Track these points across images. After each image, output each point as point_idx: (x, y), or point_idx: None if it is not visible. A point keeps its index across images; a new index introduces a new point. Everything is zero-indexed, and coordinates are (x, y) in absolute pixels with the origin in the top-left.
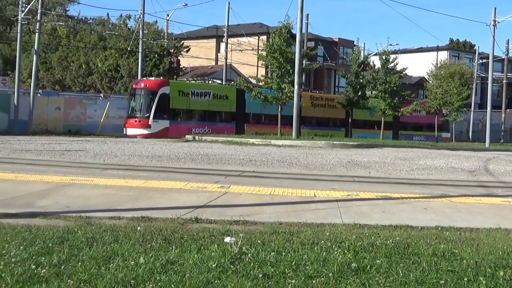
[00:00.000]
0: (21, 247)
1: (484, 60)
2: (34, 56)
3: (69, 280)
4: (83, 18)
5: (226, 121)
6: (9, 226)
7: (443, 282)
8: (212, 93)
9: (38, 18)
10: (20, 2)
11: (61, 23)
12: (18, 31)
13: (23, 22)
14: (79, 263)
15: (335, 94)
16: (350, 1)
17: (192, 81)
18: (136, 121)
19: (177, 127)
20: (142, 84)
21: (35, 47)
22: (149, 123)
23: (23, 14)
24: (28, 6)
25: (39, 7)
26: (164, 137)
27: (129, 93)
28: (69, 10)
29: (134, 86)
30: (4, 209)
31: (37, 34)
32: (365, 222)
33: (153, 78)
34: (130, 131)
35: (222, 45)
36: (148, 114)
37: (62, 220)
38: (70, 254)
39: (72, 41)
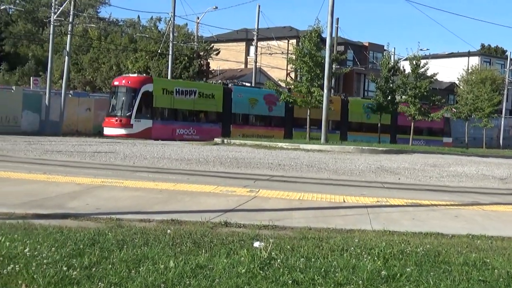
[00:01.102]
0: (52, 248)
1: None
2: (66, 57)
3: (100, 283)
4: (114, 20)
5: (212, 121)
6: (41, 227)
7: None
8: (198, 91)
9: (70, 20)
10: (52, 4)
11: (92, 25)
12: (51, 32)
13: (55, 23)
14: (110, 266)
15: (335, 96)
16: (381, 5)
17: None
18: (116, 120)
19: (161, 128)
20: (124, 81)
21: (67, 48)
22: (131, 122)
23: (55, 15)
24: (61, 8)
25: (71, 9)
26: (146, 138)
27: (109, 90)
28: (100, 12)
29: (115, 83)
30: (36, 210)
31: (69, 35)
32: (395, 229)
33: (135, 75)
34: (108, 130)
35: (252, 49)
36: (129, 113)
37: (92, 221)
38: (101, 257)
39: (103, 42)
